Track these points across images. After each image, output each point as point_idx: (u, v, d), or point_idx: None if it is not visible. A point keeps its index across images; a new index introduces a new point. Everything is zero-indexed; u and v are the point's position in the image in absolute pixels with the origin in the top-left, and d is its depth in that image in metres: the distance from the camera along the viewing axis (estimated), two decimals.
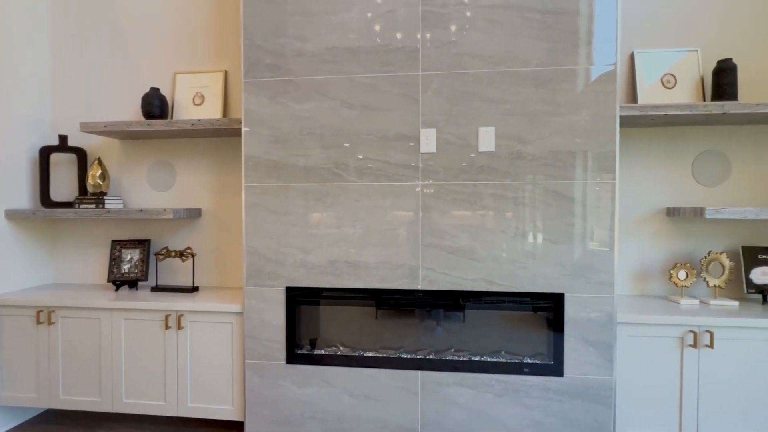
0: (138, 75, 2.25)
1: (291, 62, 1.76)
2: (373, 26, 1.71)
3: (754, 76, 1.86)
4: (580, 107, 1.63)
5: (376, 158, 1.73)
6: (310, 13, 1.74)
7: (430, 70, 1.69)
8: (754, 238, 1.89)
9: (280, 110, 1.77)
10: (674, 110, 1.70)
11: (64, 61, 2.30)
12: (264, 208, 1.79)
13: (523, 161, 1.66)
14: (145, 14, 2.24)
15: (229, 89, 2.19)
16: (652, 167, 1.94)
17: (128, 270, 2.15)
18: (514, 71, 1.65)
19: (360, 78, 1.73)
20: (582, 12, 1.61)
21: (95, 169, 2.13)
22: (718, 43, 1.89)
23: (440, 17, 1.68)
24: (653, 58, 1.90)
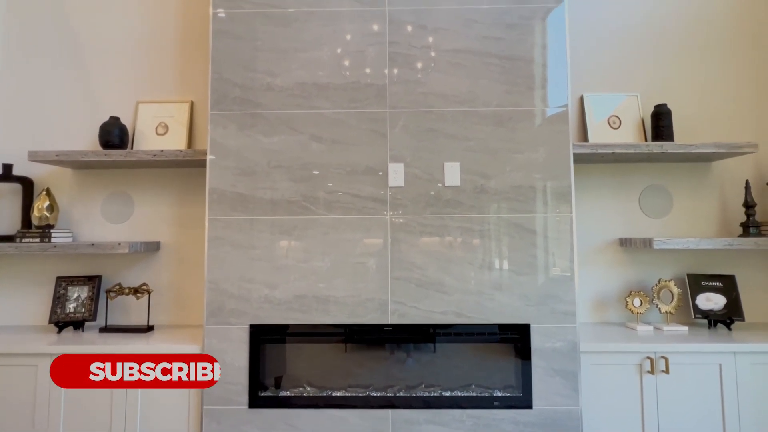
0: (97, 103, 2.17)
1: (260, 96, 1.77)
2: (343, 64, 1.77)
3: (688, 118, 2.07)
4: (537, 145, 1.74)
5: (345, 191, 1.74)
6: (281, 50, 1.78)
7: (398, 107, 1.76)
8: (698, 265, 2.04)
9: (248, 143, 1.76)
10: (621, 149, 1.85)
11: (15, 84, 2.18)
12: (228, 242, 1.73)
13: (487, 195, 1.72)
14: (109, 42, 2.19)
15: (195, 120, 2.15)
16: (604, 200, 2.07)
17: (74, 310, 1.98)
18: (476, 110, 1.75)
19: (329, 113, 1.76)
20: (536, 60, 1.75)
21: (42, 200, 1.98)
22: (654, 88, 2.10)
23: (407, 58, 1.77)
24: (600, 100, 2.08)
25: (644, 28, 2.13)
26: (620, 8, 2.13)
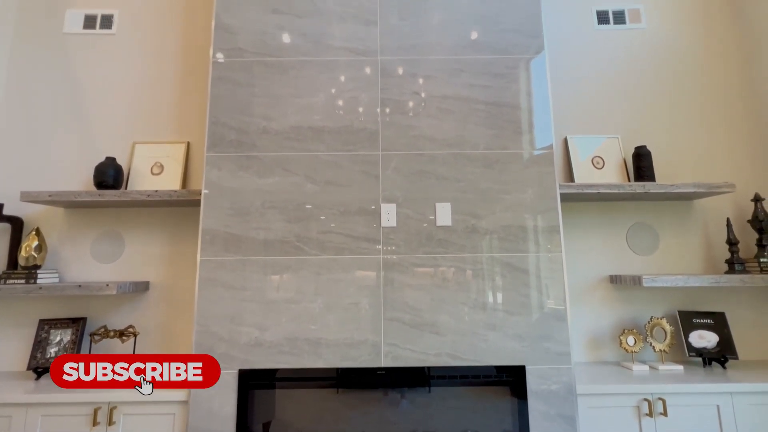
0: (94, 143, 2.20)
1: (256, 139, 1.82)
2: (337, 109, 1.84)
3: (668, 158, 2.16)
4: (525, 186, 1.79)
5: (339, 231, 1.76)
6: (277, 96, 1.85)
7: (390, 150, 1.81)
8: (687, 302, 2.06)
9: (243, 184, 1.78)
10: (605, 189, 1.91)
11: (14, 124, 2.21)
12: (219, 283, 1.71)
13: (478, 235, 1.75)
14: (108, 83, 2.25)
15: (191, 160, 2.19)
16: (593, 238, 2.12)
17: (55, 354, 1.91)
18: (465, 153, 1.81)
19: (324, 155, 1.81)
20: (521, 105, 1.85)
21: (31, 240, 1.96)
22: (634, 130, 2.21)
23: (398, 103, 1.85)
24: (583, 142, 2.18)
25: (622, 74, 2.27)
26: (598, 55, 2.28)
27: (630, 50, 2.29)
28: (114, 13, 2.34)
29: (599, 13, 2.31)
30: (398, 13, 1.90)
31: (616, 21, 2.30)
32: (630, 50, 2.29)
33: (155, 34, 2.31)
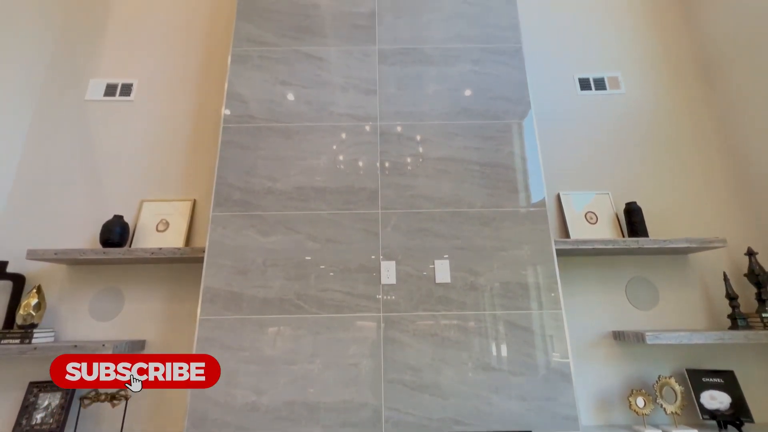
0: (103, 201, 2.28)
1: (260, 199, 1.89)
2: (339, 170, 1.94)
3: (660, 213, 2.23)
4: (521, 243, 1.84)
5: (338, 289, 1.77)
6: (282, 158, 1.96)
7: (389, 209, 1.88)
8: (694, 358, 2.02)
9: (246, 242, 1.83)
10: (600, 244, 1.96)
11: (25, 182, 2.30)
12: (218, 343, 1.69)
13: (477, 292, 1.77)
14: (121, 144, 2.38)
15: (196, 216, 2.25)
16: (592, 293, 2.12)
17: (41, 420, 1.83)
18: (461, 211, 1.88)
19: (325, 214, 1.87)
20: (513, 166, 1.95)
21: (31, 298, 1.96)
22: (624, 186, 2.30)
23: (396, 165, 1.95)
24: (575, 198, 2.26)
25: (607, 134, 2.41)
26: (583, 118, 2.43)
27: (612, 112, 2.45)
28: (134, 81, 2.54)
29: (581, 80, 2.50)
30: (396, 84, 2.07)
31: (597, 87, 2.49)
32: (612, 112, 2.45)
33: (170, 99, 2.48)
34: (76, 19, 2.71)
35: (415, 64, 2.10)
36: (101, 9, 2.73)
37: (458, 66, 2.10)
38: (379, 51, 2.12)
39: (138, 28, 2.69)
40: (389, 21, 2.18)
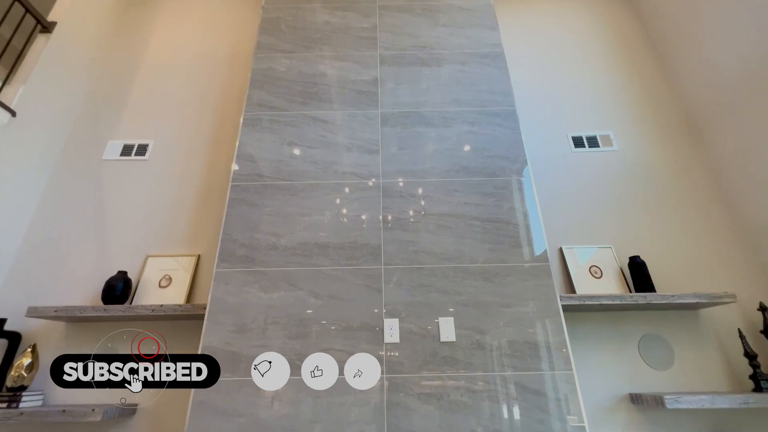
0: (108, 256, 2.30)
1: (264, 255, 1.91)
2: (342, 226, 1.98)
3: (664, 267, 2.21)
4: (526, 299, 1.81)
5: (340, 348, 1.72)
6: (287, 214, 2.01)
7: (391, 264, 1.89)
8: (718, 424, 1.88)
9: (248, 299, 1.82)
10: (607, 300, 1.92)
11: (35, 239, 2.34)
12: (212, 408, 1.61)
13: (483, 351, 1.71)
14: (131, 202, 2.45)
15: (200, 271, 2.26)
16: (604, 351, 2.04)
17: None
18: (464, 267, 1.88)
19: (328, 270, 1.88)
20: (513, 221, 1.98)
21: (24, 358, 1.91)
22: (626, 239, 2.31)
23: (398, 221, 1.99)
24: (578, 252, 2.26)
25: (604, 188, 2.47)
26: (579, 174, 2.51)
27: (606, 169, 2.53)
28: (150, 142, 2.68)
29: (574, 139, 2.62)
30: (397, 144, 2.18)
31: (591, 145, 2.60)
32: (606, 169, 2.53)
33: (183, 158, 2.61)
34: (104, 83, 2.94)
35: (415, 126, 2.23)
36: (127, 75, 2.97)
37: (456, 127, 2.22)
38: (382, 114, 2.26)
39: (158, 93, 2.90)
40: (391, 87, 2.35)
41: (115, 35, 3.18)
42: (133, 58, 3.06)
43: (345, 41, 2.52)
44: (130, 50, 3.10)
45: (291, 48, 2.50)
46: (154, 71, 3.01)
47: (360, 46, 2.49)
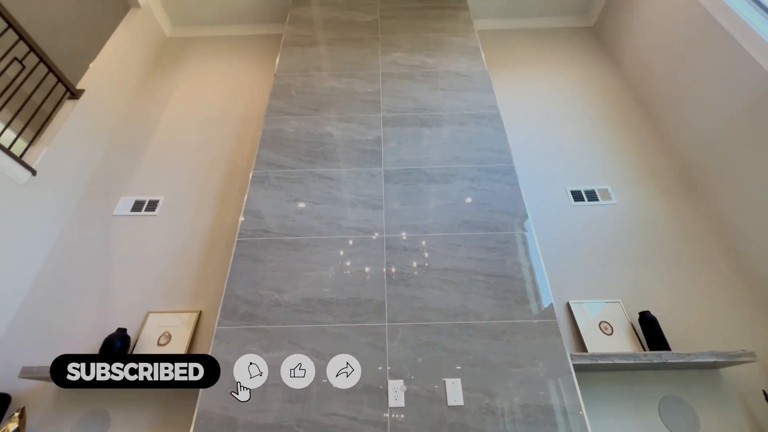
0: (109, 312, 2.28)
1: (267, 311, 1.89)
2: (346, 281, 1.97)
3: (676, 323, 2.14)
4: (535, 358, 1.74)
5: (343, 413, 1.63)
6: (291, 270, 2.01)
7: (396, 321, 1.85)
8: None
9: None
10: (620, 359, 1.85)
11: (37, 297, 2.34)
12: None
13: (495, 417, 1.61)
14: (136, 257, 2.47)
15: (200, 328, 2.21)
16: (622, 416, 1.92)
17: None
18: (470, 323, 1.84)
19: (330, 327, 1.84)
20: (517, 276, 1.97)
21: (11, 424, 1.82)
22: (633, 294, 2.26)
23: (402, 276, 1.99)
24: (586, 307, 2.21)
25: (607, 242, 2.47)
26: (580, 227, 2.53)
27: (607, 221, 2.56)
28: (160, 198, 2.77)
29: (573, 193, 2.68)
30: (400, 200, 2.24)
31: (590, 198, 2.65)
32: (607, 221, 2.56)
33: (190, 214, 2.67)
34: (121, 142, 3.10)
35: (417, 182, 2.31)
36: (144, 135, 3.14)
37: (456, 183, 2.30)
38: (385, 171, 2.35)
39: (172, 151, 3.05)
40: (393, 146, 2.47)
41: (136, 98, 3.43)
42: (150, 119, 3.27)
43: (350, 104, 2.69)
44: (148, 112, 3.32)
45: (299, 111, 2.67)
46: (169, 130, 3.19)
47: (364, 109, 2.66)
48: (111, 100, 3.21)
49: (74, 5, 3.80)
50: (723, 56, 2.51)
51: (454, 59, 2.99)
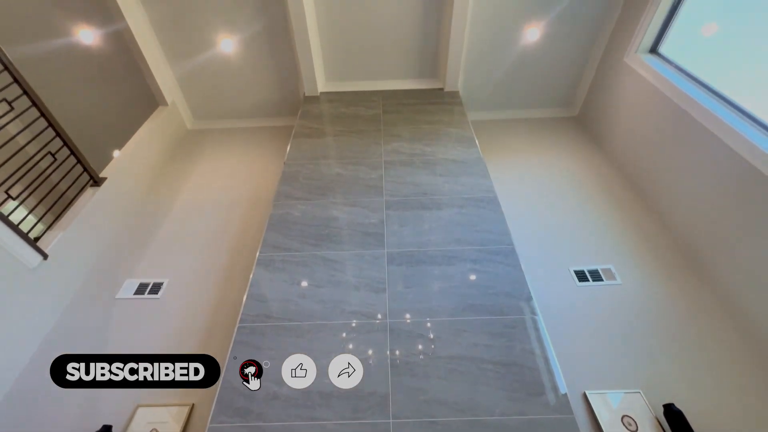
0: (96, 405, 2.14)
1: (264, 406, 1.78)
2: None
3: (705, 416, 1.98)
4: None
5: None
6: None
7: (400, 417, 1.73)
8: None
9: None
10: None
11: (26, 385, 2.23)
12: None
13: None
14: (132, 342, 2.41)
15: (191, 424, 2.06)
16: None
17: None
18: (480, 420, 1.71)
19: (331, 425, 1.71)
20: (527, 364, 1.88)
21: None
22: (653, 383, 2.12)
23: (407, 364, 1.90)
24: (605, 399, 2.07)
25: (617, 324, 2.40)
26: (587, 308, 2.48)
27: (614, 303, 2.52)
28: (165, 281, 2.79)
29: (576, 273, 2.68)
30: (403, 282, 2.24)
31: (594, 279, 2.64)
32: (614, 303, 2.52)
33: (192, 298, 2.66)
34: (132, 227, 3.22)
35: (419, 265, 2.33)
36: (154, 219, 3.27)
37: (459, 265, 2.32)
38: (388, 254, 2.39)
39: (180, 234, 3.15)
40: (395, 229, 2.55)
41: (153, 186, 3.65)
42: (163, 205, 3.44)
43: (355, 189, 2.85)
44: (163, 199, 3.50)
45: (307, 195, 2.82)
46: (180, 216, 3.34)
47: (368, 194, 2.81)
48: (130, 188, 3.41)
49: (110, 102, 4.26)
50: (699, 145, 2.71)
51: (450, 147, 3.23)
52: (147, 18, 3.67)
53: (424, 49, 3.94)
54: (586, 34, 3.75)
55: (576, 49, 3.86)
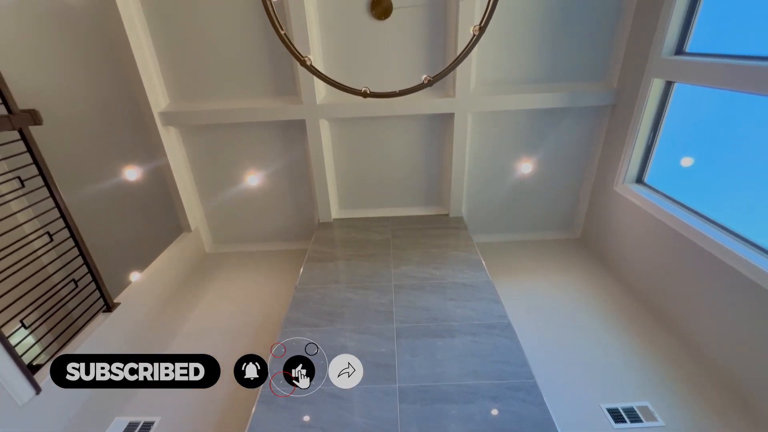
0: None
1: None
2: None
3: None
4: None
5: None
6: None
7: None
8: None
9: None
10: None
11: None
12: None
13: None
14: None
15: None
16: None
17: None
18: None
19: None
20: None
21: None
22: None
23: None
24: None
25: None
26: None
27: None
28: (156, 419, 2.55)
29: (610, 411, 2.40)
30: (418, 425, 2.02)
31: (632, 419, 2.35)
32: None
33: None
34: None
35: (435, 402, 2.14)
36: (158, 347, 3.17)
37: (478, 403, 2.12)
38: (399, 389, 2.23)
39: None
40: (407, 359, 2.42)
41: (164, 310, 3.65)
42: (169, 331, 3.38)
43: (365, 315, 2.81)
44: (170, 325, 3.47)
45: (316, 322, 2.78)
46: (184, 342, 3.25)
47: (378, 320, 2.76)
48: (140, 314, 3.42)
49: (140, 228, 4.59)
50: (706, 269, 2.72)
51: (459, 270, 3.28)
52: (185, 154, 4.18)
53: (429, 180, 4.35)
54: (574, 167, 4.16)
55: (568, 179, 4.23)
